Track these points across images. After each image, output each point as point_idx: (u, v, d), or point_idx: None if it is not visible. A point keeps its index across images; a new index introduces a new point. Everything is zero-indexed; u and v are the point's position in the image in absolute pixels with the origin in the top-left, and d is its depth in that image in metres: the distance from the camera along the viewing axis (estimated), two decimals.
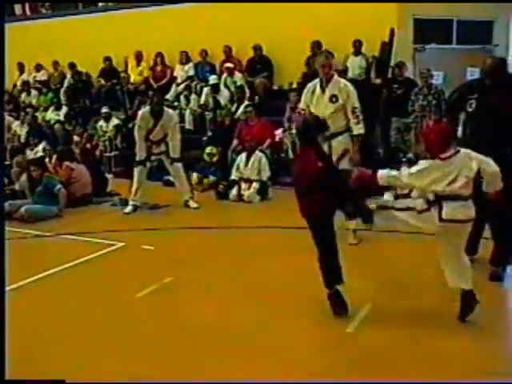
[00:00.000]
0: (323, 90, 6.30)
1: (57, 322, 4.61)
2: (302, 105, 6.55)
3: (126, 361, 3.94)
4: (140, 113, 8.63)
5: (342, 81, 6.45)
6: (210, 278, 4.95)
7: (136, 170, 8.39)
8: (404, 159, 8.15)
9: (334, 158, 5.95)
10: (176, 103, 12.02)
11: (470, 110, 5.15)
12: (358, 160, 6.23)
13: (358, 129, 6.33)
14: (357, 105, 6.30)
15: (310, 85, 6.51)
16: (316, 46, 11.04)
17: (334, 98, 6.23)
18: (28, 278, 5.51)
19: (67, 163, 9.10)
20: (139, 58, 13.25)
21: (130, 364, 3.88)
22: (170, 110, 8.94)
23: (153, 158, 8.59)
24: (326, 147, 5.60)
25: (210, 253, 4.97)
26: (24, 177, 8.68)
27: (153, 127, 8.33)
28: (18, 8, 15.73)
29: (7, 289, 5.02)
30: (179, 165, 8.51)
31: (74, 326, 4.52)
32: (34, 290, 5.36)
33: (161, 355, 3.99)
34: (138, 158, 8.40)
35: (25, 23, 15.11)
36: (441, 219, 4.11)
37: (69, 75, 13.92)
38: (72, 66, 13.81)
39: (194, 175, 9.76)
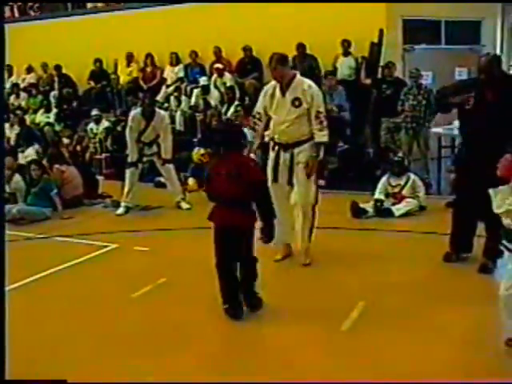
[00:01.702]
0: (283, 93, 5.53)
1: (51, 323, 4.62)
2: (258, 108, 5.78)
3: (123, 360, 3.95)
4: (131, 114, 8.61)
5: (307, 81, 5.62)
6: (203, 278, 4.96)
7: (128, 172, 8.38)
8: (394, 159, 8.18)
9: (299, 169, 5.54)
10: (166, 104, 12.01)
11: (467, 107, 5.18)
12: (313, 172, 5.57)
13: (321, 136, 5.52)
14: (321, 109, 5.53)
15: (268, 86, 5.74)
16: (300, 47, 11.09)
17: (296, 102, 5.47)
18: (21, 280, 5.50)
19: (57, 166, 9.07)
20: (129, 59, 13.22)
21: (126, 364, 3.90)
22: (162, 111, 8.95)
23: (144, 159, 8.60)
24: (287, 156, 5.58)
25: (204, 253, 4.98)
26: (15, 179, 8.65)
27: (144, 128, 8.32)
28: (6, 10, 15.63)
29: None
30: (170, 166, 8.52)
31: (68, 326, 4.54)
32: (28, 291, 5.35)
33: (156, 354, 4.01)
34: (129, 160, 8.40)
35: (13, 25, 15.00)
36: None
37: (56, 78, 13.90)
38: (57, 68, 13.79)
39: (191, 181, 9.68)
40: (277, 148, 5.67)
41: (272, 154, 5.71)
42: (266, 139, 5.87)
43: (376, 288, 4.99)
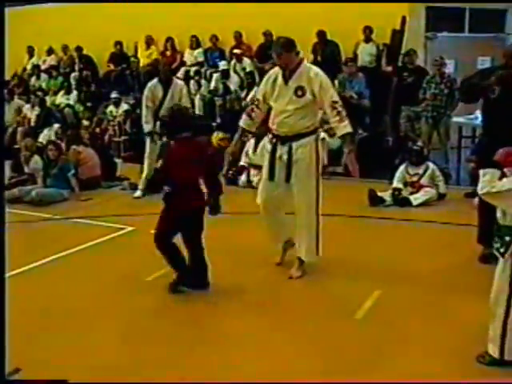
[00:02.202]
0: (286, 81, 4.98)
1: (65, 305, 4.65)
2: (258, 94, 5.37)
3: (134, 347, 3.97)
4: (147, 85, 8.45)
5: (314, 69, 5.05)
6: (217, 262, 4.96)
7: (147, 148, 8.25)
8: (414, 147, 8.10)
9: (298, 167, 4.97)
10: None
11: (492, 96, 5.03)
12: (355, 165, 5.08)
13: (343, 127, 4.88)
14: (336, 98, 4.92)
15: (271, 72, 5.25)
16: (321, 34, 11.01)
17: (299, 91, 4.90)
18: (38, 261, 5.56)
19: (74, 146, 9.10)
20: (149, 42, 13.21)
21: (141, 350, 3.92)
22: (179, 81, 8.81)
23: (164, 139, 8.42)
24: (285, 150, 4.98)
25: (220, 238, 4.99)
26: (34, 159, 8.69)
27: (163, 97, 8.11)
28: None
29: (15, 272, 5.11)
30: None
31: (82, 310, 4.57)
32: (44, 272, 5.41)
33: (171, 342, 4.02)
34: (145, 130, 8.22)
35: (35, 6, 15.07)
36: None
37: (77, 60, 13.94)
38: (79, 49, 13.84)
39: None
40: (274, 140, 5.10)
41: (269, 147, 5.16)
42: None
43: (392, 278, 4.97)
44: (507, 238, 3.45)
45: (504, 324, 3.46)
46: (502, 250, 3.49)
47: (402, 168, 7.84)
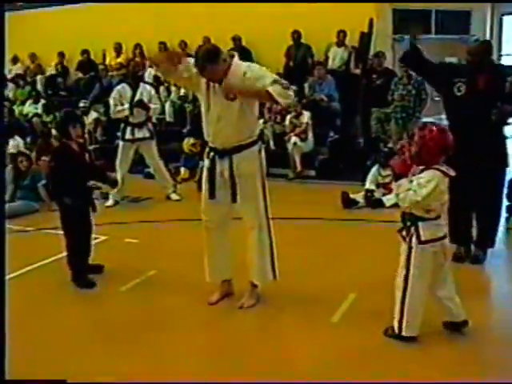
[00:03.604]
0: (220, 82, 4.19)
1: (40, 318, 4.58)
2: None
3: (113, 357, 3.92)
4: (116, 87, 8.46)
5: (244, 64, 4.31)
6: (193, 270, 4.94)
7: (119, 152, 8.27)
8: (385, 149, 8.19)
9: (242, 182, 4.35)
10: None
11: (458, 93, 5.07)
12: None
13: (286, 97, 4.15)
14: (275, 77, 4.17)
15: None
16: (296, 34, 11.08)
17: (231, 95, 4.18)
18: (9, 274, 5.45)
19: (44, 158, 8.99)
20: (118, 49, 13.14)
21: (117, 360, 3.87)
22: (147, 85, 8.77)
23: (136, 143, 8.32)
24: (226, 165, 4.33)
25: (194, 245, 4.96)
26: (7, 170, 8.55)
27: (131, 99, 8.10)
28: None
29: None
30: (158, 159, 8.45)
31: (56, 322, 4.50)
32: (16, 285, 5.30)
33: (147, 351, 3.97)
34: (125, 113, 8.17)
35: None
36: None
37: (53, 63, 13.86)
38: (61, 55, 13.80)
39: (183, 170, 9.83)
40: (212, 154, 4.42)
41: (206, 163, 4.49)
42: None
43: (367, 280, 4.97)
44: (408, 223, 3.77)
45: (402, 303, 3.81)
46: (403, 234, 3.82)
47: (374, 169, 7.90)
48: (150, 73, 12.34)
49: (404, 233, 3.82)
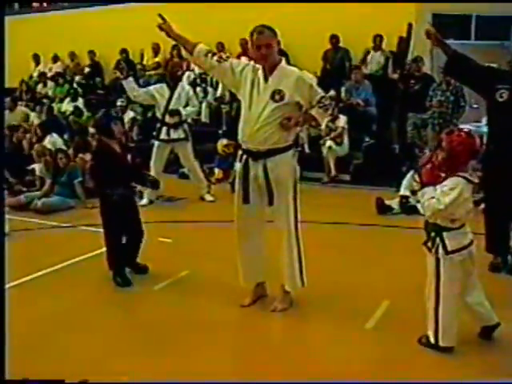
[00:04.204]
0: (266, 78, 4.25)
1: (72, 313, 4.65)
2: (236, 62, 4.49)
3: (149, 357, 3.96)
4: (155, 85, 8.54)
5: (290, 68, 4.36)
6: (225, 272, 4.95)
7: (154, 151, 8.30)
8: (420, 155, 8.08)
9: (275, 188, 4.30)
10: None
11: (500, 99, 4.94)
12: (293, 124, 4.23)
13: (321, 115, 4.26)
14: (323, 93, 4.28)
15: (248, 68, 4.38)
16: (334, 38, 11.04)
17: (277, 96, 4.17)
18: (44, 269, 5.54)
19: (81, 155, 9.11)
20: (156, 50, 13.25)
21: (151, 358, 3.90)
22: (186, 85, 8.84)
23: (171, 143, 8.36)
24: (259, 168, 4.27)
25: (227, 246, 4.96)
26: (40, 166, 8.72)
27: (169, 99, 8.14)
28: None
29: (23, 280, 5.12)
30: (193, 160, 8.48)
31: (87, 319, 4.55)
32: (51, 280, 5.38)
33: (184, 351, 3.98)
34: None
35: (42, 15, 15.18)
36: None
37: (87, 62, 14.07)
38: (91, 52, 14.03)
39: (217, 171, 9.87)
40: (244, 158, 4.37)
41: (239, 167, 4.44)
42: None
43: (401, 287, 4.93)
44: (433, 234, 3.75)
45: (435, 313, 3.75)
46: (429, 245, 3.79)
47: (409, 176, 7.80)
48: (188, 76, 12.40)
49: (429, 244, 3.80)
